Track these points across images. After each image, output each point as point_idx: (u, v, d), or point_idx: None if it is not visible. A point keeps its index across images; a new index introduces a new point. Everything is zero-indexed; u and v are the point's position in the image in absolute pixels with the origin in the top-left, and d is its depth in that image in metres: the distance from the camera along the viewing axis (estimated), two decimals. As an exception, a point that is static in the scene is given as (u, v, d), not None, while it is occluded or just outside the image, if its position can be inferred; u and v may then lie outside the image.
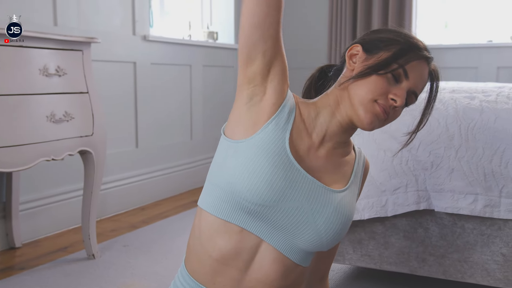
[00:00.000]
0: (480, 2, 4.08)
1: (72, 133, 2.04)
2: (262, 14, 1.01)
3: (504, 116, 1.64)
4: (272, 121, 1.04)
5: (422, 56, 1.10)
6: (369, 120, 1.07)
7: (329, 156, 1.13)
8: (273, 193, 1.02)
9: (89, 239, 2.21)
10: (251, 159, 1.02)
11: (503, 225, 1.62)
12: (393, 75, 1.07)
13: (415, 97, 1.12)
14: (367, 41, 1.13)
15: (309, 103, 1.14)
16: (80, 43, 2.09)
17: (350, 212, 1.14)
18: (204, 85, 3.77)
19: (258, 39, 1.02)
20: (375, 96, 1.06)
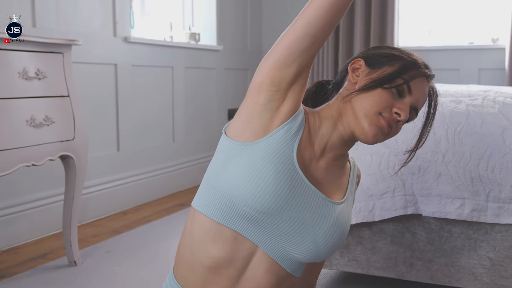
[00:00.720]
0: (461, 5, 4.12)
1: (52, 137, 1.99)
2: (321, 27, 1.01)
3: (490, 120, 1.64)
4: (284, 127, 1.03)
5: (425, 73, 1.12)
6: (373, 133, 1.07)
7: (329, 167, 1.13)
8: (277, 201, 1.00)
9: (71, 245, 2.16)
10: (256, 164, 1.00)
11: (490, 229, 1.62)
12: (398, 90, 1.08)
13: (415, 113, 1.13)
14: (370, 56, 1.13)
15: (314, 112, 1.13)
16: (60, 45, 2.04)
17: (347, 224, 1.15)
18: (186, 87, 3.73)
19: (304, 48, 1.01)
20: (380, 109, 1.07)
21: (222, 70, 4.13)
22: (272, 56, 1.03)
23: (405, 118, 1.08)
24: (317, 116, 1.12)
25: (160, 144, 3.50)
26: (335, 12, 1.01)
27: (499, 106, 1.68)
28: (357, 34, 4.11)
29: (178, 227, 2.73)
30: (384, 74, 1.09)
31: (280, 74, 1.01)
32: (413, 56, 1.14)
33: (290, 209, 1.03)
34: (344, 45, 4.17)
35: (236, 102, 4.36)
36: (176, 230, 2.67)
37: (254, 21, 4.55)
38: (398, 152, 1.67)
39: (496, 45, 3.89)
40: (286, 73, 1.01)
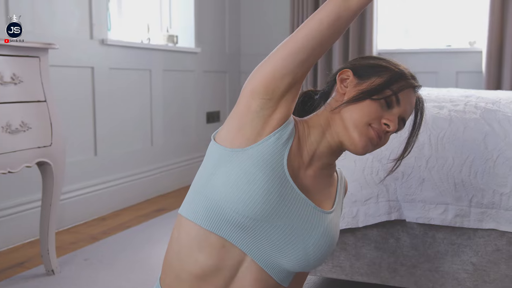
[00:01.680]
0: (438, 8, 4.16)
1: (29, 144, 1.94)
2: (321, 42, 1.01)
3: (472, 126, 1.65)
4: (275, 134, 1.03)
5: (412, 84, 1.14)
6: (363, 144, 1.08)
7: (316, 176, 1.13)
8: (266, 208, 1.00)
9: (48, 254, 2.11)
10: (247, 170, 0.99)
11: (472, 235, 1.63)
12: (386, 101, 1.09)
13: (403, 123, 1.15)
14: (358, 67, 1.14)
15: (302, 121, 1.13)
16: (36, 49, 1.99)
17: (336, 234, 1.15)
18: (164, 90, 3.69)
19: (301, 61, 1.01)
20: (369, 120, 1.08)
21: (201, 72, 4.10)
22: (268, 65, 1.03)
23: (394, 129, 1.10)
24: (306, 125, 1.13)
25: (138, 148, 3.45)
26: (336, 29, 1.01)
27: (480, 111, 1.70)
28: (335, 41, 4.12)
29: (157, 233, 2.69)
30: (373, 85, 1.09)
31: (274, 84, 1.01)
32: (400, 66, 1.15)
33: (280, 216, 1.02)
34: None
35: (215, 105, 4.33)
36: (156, 236, 2.63)
37: (232, 23, 4.53)
38: (382, 158, 1.67)
39: (473, 48, 3.95)
40: (280, 83, 1.02)
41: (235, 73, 4.60)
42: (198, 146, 4.10)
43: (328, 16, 1.00)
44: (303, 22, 1.06)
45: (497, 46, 3.73)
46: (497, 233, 1.61)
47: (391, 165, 1.64)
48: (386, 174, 1.40)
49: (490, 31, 3.71)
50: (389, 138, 1.15)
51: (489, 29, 3.71)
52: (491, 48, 3.72)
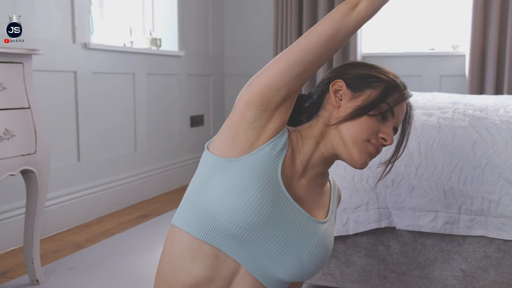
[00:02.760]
0: (422, 12, 4.20)
1: (13, 152, 1.90)
2: (317, 57, 1.02)
3: (461, 133, 1.66)
4: (270, 144, 1.03)
5: (407, 96, 1.16)
6: (363, 161, 1.10)
7: (310, 185, 1.13)
8: (260, 218, 0.99)
9: (32, 263, 2.07)
10: (241, 180, 0.99)
11: (462, 241, 1.64)
12: (383, 115, 1.11)
13: (396, 131, 1.17)
14: (350, 78, 1.13)
15: (296, 131, 1.13)
16: (20, 55, 1.95)
17: (331, 244, 1.15)
18: (148, 94, 3.66)
19: (297, 74, 1.02)
20: (368, 136, 1.09)
21: (184, 76, 4.07)
22: (264, 76, 1.02)
23: (391, 143, 1.11)
24: (299, 135, 1.13)
25: (121, 153, 3.41)
26: (334, 44, 1.02)
27: (469, 119, 1.71)
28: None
29: (143, 240, 2.66)
30: (369, 101, 1.10)
31: (270, 95, 1.02)
32: (390, 75, 1.15)
33: (274, 226, 1.02)
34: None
35: (199, 109, 4.30)
36: (141, 243, 2.60)
37: (216, 26, 4.51)
38: (372, 165, 1.67)
39: (457, 52, 3.98)
40: (276, 95, 1.02)
41: (219, 76, 4.58)
42: (182, 151, 4.07)
43: (327, 31, 1.01)
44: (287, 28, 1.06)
45: (480, 50, 3.77)
46: (486, 240, 1.62)
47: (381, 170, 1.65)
48: (377, 180, 1.41)
49: (473, 35, 3.75)
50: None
51: (472, 33, 3.75)
52: (474, 52, 3.76)
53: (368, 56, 4.17)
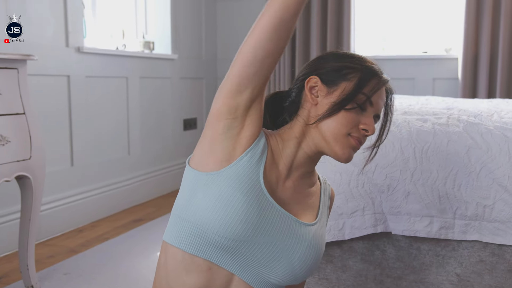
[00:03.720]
0: (415, 15, 4.22)
1: (8, 157, 1.89)
2: (269, 51, 0.98)
3: (456, 139, 1.68)
4: (248, 153, 1.02)
5: (383, 83, 1.12)
6: (347, 156, 1.09)
7: (297, 187, 1.12)
8: (247, 228, 0.99)
9: (27, 269, 2.06)
10: (224, 192, 0.98)
11: (457, 246, 1.66)
12: (361, 107, 1.08)
13: (378, 118, 1.14)
14: (324, 72, 1.10)
15: (275, 134, 1.12)
16: (15, 60, 1.94)
17: (322, 245, 1.14)
18: (141, 97, 3.65)
19: (254, 74, 0.98)
20: (348, 130, 1.07)
21: (177, 79, 4.07)
22: (226, 84, 1.01)
23: (373, 132, 1.09)
24: (279, 138, 1.11)
25: (115, 157, 3.40)
26: (282, 32, 0.98)
27: (463, 125, 1.73)
28: (313, 43, 4.14)
29: (137, 245, 2.66)
30: (345, 95, 1.07)
31: (235, 102, 1.00)
32: (366, 63, 1.12)
33: (262, 234, 1.02)
34: (300, 55, 4.19)
35: (192, 112, 4.30)
36: (135, 248, 2.60)
37: (208, 29, 4.52)
38: (367, 171, 1.68)
39: (449, 55, 4.01)
40: (240, 100, 1.00)
41: (212, 79, 4.59)
42: (176, 154, 4.07)
43: (270, 22, 0.97)
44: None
45: (472, 53, 3.80)
46: (480, 245, 1.63)
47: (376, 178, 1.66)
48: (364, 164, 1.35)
49: (466, 38, 3.78)
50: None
51: (464, 37, 3.78)
52: (466, 56, 3.79)
53: (360, 60, 4.18)
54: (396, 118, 1.83)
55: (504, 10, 3.68)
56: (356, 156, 1.71)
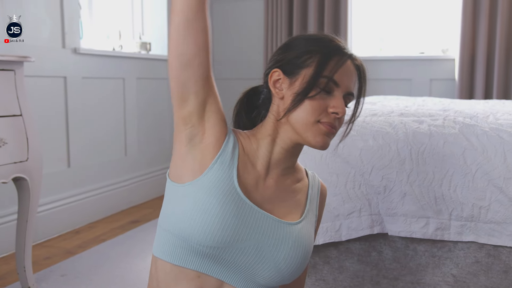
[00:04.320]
0: (412, 16, 4.23)
1: (5, 159, 1.89)
2: (191, 53, 0.96)
3: (452, 140, 1.69)
4: (218, 160, 1.01)
5: (345, 59, 1.06)
6: (321, 143, 1.04)
7: (279, 184, 1.10)
8: (227, 234, 0.98)
9: (25, 271, 2.06)
10: (200, 201, 0.98)
11: (453, 247, 1.67)
12: (325, 90, 1.03)
13: (351, 96, 1.09)
14: (284, 63, 1.07)
15: (249, 135, 1.10)
16: (11, 62, 1.94)
17: (309, 243, 1.11)
18: (138, 98, 3.65)
19: (188, 79, 0.97)
20: (316, 117, 1.03)
21: (174, 80, 4.07)
22: (172, 96, 1.01)
23: (343, 113, 1.04)
24: (253, 138, 1.09)
25: (112, 158, 3.40)
26: (194, 35, 0.96)
27: (459, 126, 1.73)
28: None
29: (134, 247, 2.66)
30: (305, 83, 1.03)
31: (185, 111, 1.00)
32: (324, 41, 1.07)
33: (243, 239, 1.01)
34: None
35: (188, 113, 4.30)
36: (133, 250, 2.60)
37: (205, 30, 4.51)
38: (364, 172, 1.69)
39: (447, 56, 4.01)
40: (189, 108, 0.99)
41: (208, 80, 4.58)
42: (172, 155, 4.07)
43: (178, 24, 0.95)
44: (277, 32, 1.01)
45: (469, 54, 3.81)
46: (476, 246, 1.64)
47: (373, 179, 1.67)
48: (340, 139, 1.25)
49: (463, 39, 3.79)
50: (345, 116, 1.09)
51: (461, 38, 3.79)
52: (463, 56, 3.80)
53: (357, 60, 4.19)
54: (392, 119, 1.83)
55: (500, 11, 3.69)
56: (353, 156, 1.72)
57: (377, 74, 4.11)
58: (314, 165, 1.74)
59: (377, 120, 1.85)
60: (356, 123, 1.82)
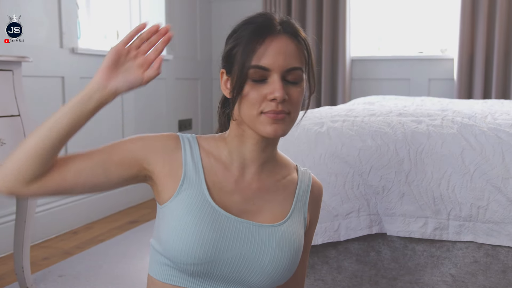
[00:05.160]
0: (411, 15, 4.23)
1: (3, 160, 1.88)
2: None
3: (450, 140, 1.69)
4: (184, 180, 1.01)
5: (266, 39, 0.97)
6: (272, 133, 0.99)
7: (261, 183, 1.07)
8: (207, 249, 0.98)
9: (23, 271, 2.05)
10: (177, 221, 0.99)
11: (451, 247, 1.67)
12: (253, 80, 0.97)
13: (297, 70, 0.99)
14: (223, 61, 1.05)
15: (218, 141, 1.08)
16: (10, 62, 1.94)
17: (297, 241, 1.07)
18: (136, 98, 3.65)
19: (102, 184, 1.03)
20: (258, 109, 0.98)
21: (172, 80, 4.07)
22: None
23: (282, 96, 0.95)
24: (223, 142, 1.07)
25: (110, 158, 3.39)
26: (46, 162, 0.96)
27: (457, 126, 1.73)
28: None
29: (132, 248, 2.65)
30: (234, 78, 0.99)
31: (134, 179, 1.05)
32: (246, 25, 1.02)
33: (225, 250, 0.99)
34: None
35: (187, 113, 4.30)
36: (130, 251, 2.59)
37: (203, 30, 4.51)
38: (363, 172, 1.69)
39: (445, 56, 4.02)
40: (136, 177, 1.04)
41: (207, 80, 4.59)
42: (170, 155, 4.06)
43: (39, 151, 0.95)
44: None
45: (468, 54, 3.81)
46: (475, 245, 1.65)
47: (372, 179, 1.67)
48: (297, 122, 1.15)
49: (461, 39, 3.79)
50: (299, 91, 1.00)
51: (460, 38, 3.80)
52: (462, 56, 3.80)
53: (357, 60, 4.20)
54: (391, 119, 1.83)
55: (499, 11, 3.70)
56: (351, 156, 1.72)
57: (376, 74, 4.12)
58: (312, 165, 1.74)
59: (375, 120, 1.85)
60: (354, 123, 1.83)
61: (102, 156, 1.02)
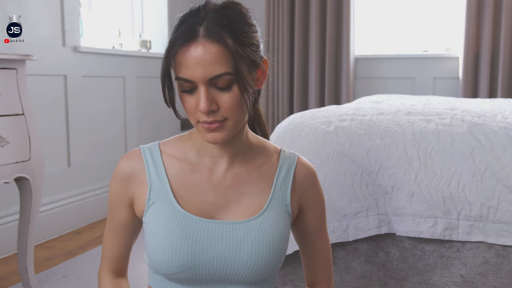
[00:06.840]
0: (416, 14, 4.21)
1: (7, 159, 1.87)
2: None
3: (460, 139, 1.67)
4: (150, 194, 1.02)
5: (184, 50, 0.91)
6: (211, 140, 0.96)
7: (233, 177, 1.04)
8: (183, 257, 0.98)
9: (27, 272, 2.03)
10: (150, 235, 1.01)
11: (461, 247, 1.65)
12: (183, 90, 0.94)
13: (226, 75, 0.91)
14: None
15: (184, 142, 1.07)
16: (14, 61, 1.92)
17: (276, 233, 1.02)
18: (138, 97, 3.63)
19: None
20: (194, 119, 0.95)
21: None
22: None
23: (205, 108, 0.90)
24: (189, 143, 1.06)
25: (112, 158, 3.37)
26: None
27: (467, 125, 1.72)
28: (312, 43, 4.13)
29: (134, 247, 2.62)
30: (166, 91, 0.99)
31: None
32: (178, 25, 0.98)
33: (201, 254, 0.99)
34: (299, 54, 4.17)
35: (189, 112, 4.28)
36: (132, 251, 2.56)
37: (205, 28, 4.49)
38: (371, 172, 1.67)
39: (450, 54, 3.99)
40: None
41: (208, 79, 4.56)
42: (172, 154, 4.04)
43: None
44: (279, 30, 0.96)
45: (473, 53, 3.79)
46: (485, 246, 1.63)
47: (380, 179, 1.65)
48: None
49: (467, 38, 3.77)
50: (231, 96, 0.92)
51: (465, 36, 3.77)
52: (467, 55, 3.78)
53: (361, 58, 4.17)
54: (400, 118, 1.82)
55: (505, 9, 3.68)
56: (360, 156, 1.70)
57: (380, 73, 4.10)
58: (320, 165, 1.72)
59: (384, 119, 1.83)
60: (362, 121, 1.81)
61: (121, 230, 1.13)
